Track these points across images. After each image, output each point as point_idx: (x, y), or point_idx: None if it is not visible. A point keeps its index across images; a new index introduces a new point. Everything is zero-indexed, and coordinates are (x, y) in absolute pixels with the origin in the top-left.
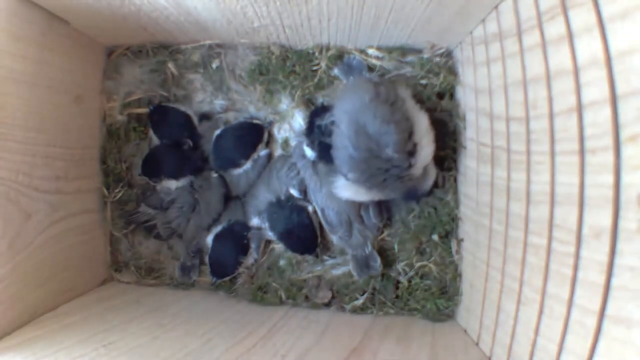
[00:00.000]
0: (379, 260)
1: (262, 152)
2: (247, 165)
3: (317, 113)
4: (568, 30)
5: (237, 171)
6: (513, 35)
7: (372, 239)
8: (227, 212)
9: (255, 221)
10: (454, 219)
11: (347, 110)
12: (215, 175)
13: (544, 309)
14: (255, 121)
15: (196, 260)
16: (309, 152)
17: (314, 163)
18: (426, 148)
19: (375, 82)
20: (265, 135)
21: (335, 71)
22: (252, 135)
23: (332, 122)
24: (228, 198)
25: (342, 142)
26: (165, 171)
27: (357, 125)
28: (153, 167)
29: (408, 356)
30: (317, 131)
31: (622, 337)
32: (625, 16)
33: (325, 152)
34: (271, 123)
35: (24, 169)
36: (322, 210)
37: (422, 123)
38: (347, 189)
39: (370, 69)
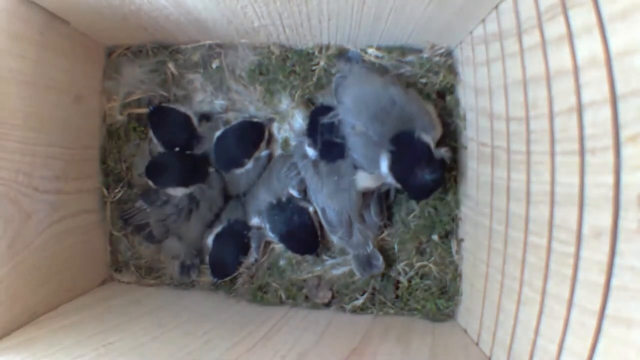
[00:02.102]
0: (381, 258)
1: (263, 152)
2: (249, 164)
3: (318, 112)
4: (568, 30)
5: (239, 170)
6: (513, 35)
7: (373, 238)
8: (227, 212)
9: (255, 221)
10: (454, 219)
11: (369, 110)
12: (212, 170)
13: (544, 309)
14: (255, 120)
15: (196, 260)
16: (311, 152)
17: (315, 163)
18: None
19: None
20: (267, 133)
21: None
22: (253, 133)
23: (338, 120)
24: (227, 194)
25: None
26: (175, 179)
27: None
28: (160, 173)
29: (408, 356)
30: (321, 129)
31: (622, 337)
32: (625, 16)
33: (328, 151)
34: (271, 120)
35: (24, 169)
36: (323, 210)
37: (430, 109)
38: (366, 179)
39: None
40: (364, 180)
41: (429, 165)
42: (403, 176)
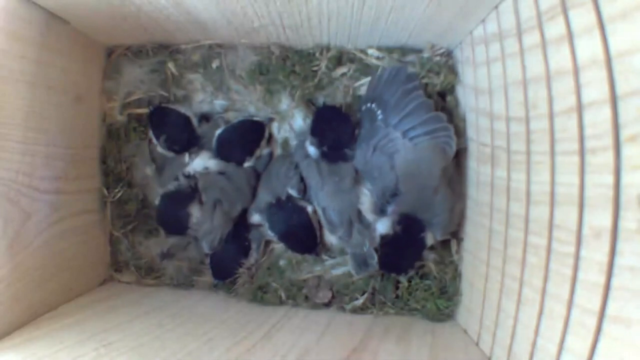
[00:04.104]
0: (376, 257)
1: (265, 150)
2: (251, 162)
3: (323, 112)
4: (568, 30)
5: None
6: (513, 35)
7: (370, 237)
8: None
9: (255, 218)
10: None
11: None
12: (249, 164)
13: (544, 309)
14: (255, 118)
15: (180, 251)
16: (312, 150)
17: (316, 162)
18: None
19: None
20: (267, 132)
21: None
22: (253, 132)
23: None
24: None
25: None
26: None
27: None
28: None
29: (408, 356)
30: (327, 129)
31: (622, 337)
32: (625, 16)
33: (330, 152)
34: (271, 120)
35: (24, 169)
36: (324, 210)
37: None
38: (368, 207)
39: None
40: (365, 206)
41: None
42: (386, 254)
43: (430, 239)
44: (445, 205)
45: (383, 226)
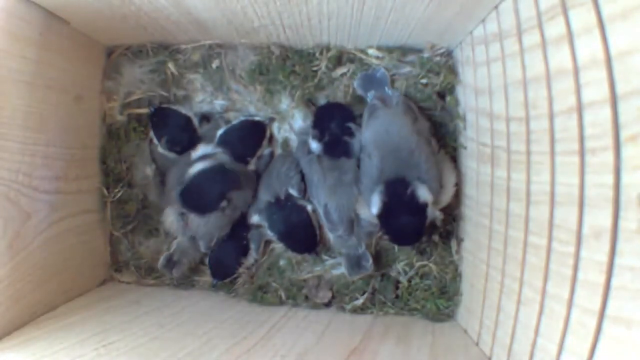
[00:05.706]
0: (370, 260)
1: (266, 150)
2: (252, 163)
3: (326, 108)
4: (568, 30)
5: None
6: (513, 35)
7: (366, 239)
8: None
9: (255, 219)
10: (454, 219)
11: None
12: (250, 165)
13: (544, 309)
14: (256, 119)
15: (184, 259)
16: (315, 145)
17: (318, 157)
18: None
19: (411, 113)
20: (268, 132)
21: (355, 84)
22: (255, 132)
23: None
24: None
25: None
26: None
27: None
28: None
29: (408, 356)
30: (329, 124)
31: (622, 337)
32: (625, 16)
33: (332, 146)
34: (271, 119)
35: (24, 169)
36: (325, 207)
37: (448, 170)
38: (364, 209)
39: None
40: (363, 208)
41: (417, 227)
42: (389, 228)
43: (424, 192)
44: (428, 165)
45: (375, 206)
